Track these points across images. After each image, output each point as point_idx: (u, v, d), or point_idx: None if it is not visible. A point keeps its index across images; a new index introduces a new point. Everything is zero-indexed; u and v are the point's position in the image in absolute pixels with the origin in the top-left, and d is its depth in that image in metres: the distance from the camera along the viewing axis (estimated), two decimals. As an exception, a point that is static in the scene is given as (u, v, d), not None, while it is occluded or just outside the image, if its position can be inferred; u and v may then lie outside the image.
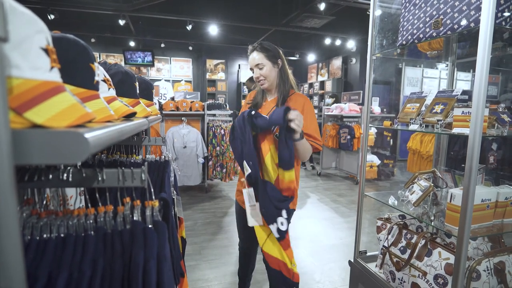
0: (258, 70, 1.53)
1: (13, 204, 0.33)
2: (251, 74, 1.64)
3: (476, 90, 1.11)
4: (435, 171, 1.67)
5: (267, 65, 1.52)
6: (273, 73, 1.54)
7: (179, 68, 9.46)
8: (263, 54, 1.52)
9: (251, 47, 1.56)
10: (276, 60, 1.54)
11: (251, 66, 1.55)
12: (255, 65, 1.53)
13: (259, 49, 1.52)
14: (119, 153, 1.23)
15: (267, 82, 1.54)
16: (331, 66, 9.16)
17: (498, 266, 1.26)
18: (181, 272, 0.94)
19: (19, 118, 0.36)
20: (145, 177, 0.64)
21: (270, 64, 1.52)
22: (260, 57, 1.51)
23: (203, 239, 2.97)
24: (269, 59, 1.52)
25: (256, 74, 1.54)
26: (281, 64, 1.56)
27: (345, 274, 2.41)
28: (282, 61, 1.56)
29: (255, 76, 1.55)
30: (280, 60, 1.55)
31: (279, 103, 1.53)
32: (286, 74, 1.57)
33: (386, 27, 1.83)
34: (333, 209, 4.01)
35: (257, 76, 1.54)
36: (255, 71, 1.54)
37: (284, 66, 1.57)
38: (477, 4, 1.19)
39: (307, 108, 1.52)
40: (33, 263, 0.55)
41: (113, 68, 1.01)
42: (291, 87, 1.58)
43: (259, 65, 1.52)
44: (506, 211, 1.36)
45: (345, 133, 5.28)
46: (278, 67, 1.55)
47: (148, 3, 6.07)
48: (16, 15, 0.38)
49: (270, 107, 1.56)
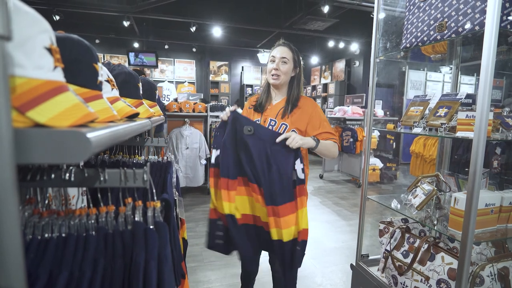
0: (281, 63, 1.53)
1: (14, 203, 0.33)
2: (254, 76, 1.63)
3: (480, 93, 1.10)
4: (439, 175, 1.66)
5: (290, 64, 1.54)
6: (289, 73, 1.57)
7: (182, 69, 9.50)
8: (292, 53, 1.55)
9: (283, 40, 1.59)
10: (297, 65, 1.58)
11: (275, 56, 1.54)
12: (281, 57, 1.53)
13: (289, 47, 1.56)
14: (121, 154, 1.23)
15: (280, 79, 1.54)
16: (334, 68, 9.15)
17: (502, 272, 1.24)
18: (182, 273, 0.94)
19: (21, 117, 0.36)
20: (147, 177, 0.64)
21: (292, 65, 1.56)
22: (289, 53, 1.54)
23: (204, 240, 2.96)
24: (294, 60, 1.56)
25: (275, 66, 1.53)
26: (299, 71, 1.60)
27: (346, 277, 2.40)
28: (300, 70, 1.61)
29: (274, 67, 1.54)
30: (299, 68, 1.59)
31: (289, 108, 1.53)
32: (299, 81, 1.60)
33: (390, 30, 1.83)
34: (335, 212, 4.00)
35: (276, 67, 1.53)
36: (276, 62, 1.53)
37: (301, 74, 1.61)
38: (482, 7, 1.18)
39: (317, 110, 1.56)
40: (34, 262, 0.55)
41: (116, 69, 1.01)
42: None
43: (284, 59, 1.53)
44: (510, 216, 1.35)
45: (348, 136, 5.26)
46: (295, 72, 1.59)
47: (152, 4, 6.11)
48: (20, 14, 0.38)
49: (278, 108, 1.56)
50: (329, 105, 8.76)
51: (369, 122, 1.84)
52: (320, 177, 5.94)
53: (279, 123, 1.52)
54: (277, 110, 1.56)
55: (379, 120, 5.44)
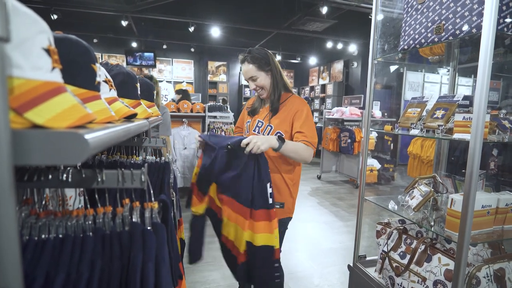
0: (253, 82, 1.51)
1: (12, 204, 0.33)
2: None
3: (477, 95, 1.11)
4: (436, 176, 1.67)
5: (260, 76, 1.50)
6: (267, 81, 1.52)
7: (180, 69, 9.49)
8: (254, 65, 1.48)
9: (241, 57, 1.52)
10: (267, 68, 1.50)
11: (245, 79, 1.54)
12: (249, 78, 1.51)
13: (250, 60, 1.49)
14: (119, 154, 1.23)
15: (265, 92, 1.54)
16: (333, 69, 9.17)
17: (498, 273, 1.25)
18: (180, 274, 0.94)
19: (19, 118, 0.36)
20: (144, 178, 0.64)
21: (263, 74, 1.50)
22: (252, 68, 1.49)
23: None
24: (261, 69, 1.49)
25: (251, 86, 1.53)
26: (272, 69, 1.51)
27: (344, 278, 2.40)
28: (273, 66, 1.51)
29: (251, 88, 1.54)
30: (270, 66, 1.51)
31: (271, 111, 1.52)
32: (276, 79, 1.52)
33: (388, 31, 1.84)
34: (332, 213, 4.00)
35: (254, 87, 1.53)
36: (250, 83, 1.53)
37: (275, 71, 1.52)
38: (479, 10, 1.19)
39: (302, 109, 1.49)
40: (31, 263, 0.54)
41: (114, 69, 1.01)
42: (285, 89, 1.55)
43: (253, 77, 1.50)
44: (506, 218, 1.35)
45: (346, 137, 5.28)
46: (271, 75, 1.52)
47: (150, 4, 6.10)
48: (18, 15, 0.38)
49: (265, 113, 1.57)
50: (327, 106, 8.78)
51: (367, 123, 1.85)
52: (318, 178, 5.95)
53: (266, 124, 1.53)
54: (266, 112, 1.57)
55: (377, 121, 5.46)
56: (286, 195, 1.53)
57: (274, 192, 1.48)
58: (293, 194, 1.56)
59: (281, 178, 1.51)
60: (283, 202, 1.51)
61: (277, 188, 1.50)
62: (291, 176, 1.53)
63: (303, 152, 1.39)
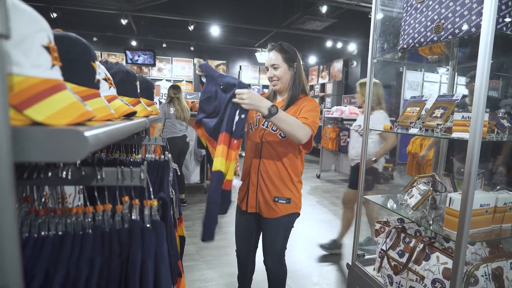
0: (273, 70, 1.52)
1: (11, 201, 0.33)
2: (252, 75, 1.62)
3: (476, 95, 1.11)
4: (435, 175, 1.67)
5: (283, 67, 1.51)
6: (287, 75, 1.53)
7: (180, 68, 9.48)
8: (280, 55, 1.50)
9: (270, 45, 1.54)
10: (292, 64, 1.52)
11: (267, 65, 1.54)
12: (271, 65, 1.52)
13: (278, 49, 1.51)
14: (118, 152, 1.23)
15: (279, 84, 1.53)
16: (332, 68, 9.17)
17: (496, 272, 1.26)
18: (179, 272, 0.94)
19: (19, 115, 0.36)
20: (144, 176, 0.64)
21: (285, 66, 1.51)
22: (277, 57, 1.50)
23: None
24: (286, 61, 1.51)
25: (270, 74, 1.53)
26: (297, 68, 1.54)
27: (342, 277, 2.41)
28: (298, 65, 1.54)
29: (269, 76, 1.54)
30: (296, 63, 1.53)
31: (286, 105, 1.52)
32: (299, 78, 1.55)
33: (388, 30, 1.84)
34: (332, 212, 4.01)
35: (271, 76, 1.53)
36: (269, 70, 1.53)
37: (299, 70, 1.55)
38: (479, 9, 1.19)
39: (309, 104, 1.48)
40: (30, 261, 0.55)
41: (114, 67, 1.01)
42: (302, 91, 1.57)
43: (274, 65, 1.51)
44: (504, 217, 1.36)
45: (345, 136, 5.28)
46: (293, 71, 1.53)
47: (150, 3, 6.09)
48: (18, 12, 0.38)
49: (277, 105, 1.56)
50: (326, 105, 8.78)
51: (366, 122, 1.85)
52: (317, 177, 5.96)
53: None
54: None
55: (376, 121, 5.45)
56: (293, 191, 1.56)
57: (280, 187, 1.52)
58: (299, 189, 1.60)
59: (287, 174, 1.54)
60: (290, 198, 1.54)
61: (284, 183, 1.53)
62: (297, 172, 1.58)
63: (298, 128, 1.31)
